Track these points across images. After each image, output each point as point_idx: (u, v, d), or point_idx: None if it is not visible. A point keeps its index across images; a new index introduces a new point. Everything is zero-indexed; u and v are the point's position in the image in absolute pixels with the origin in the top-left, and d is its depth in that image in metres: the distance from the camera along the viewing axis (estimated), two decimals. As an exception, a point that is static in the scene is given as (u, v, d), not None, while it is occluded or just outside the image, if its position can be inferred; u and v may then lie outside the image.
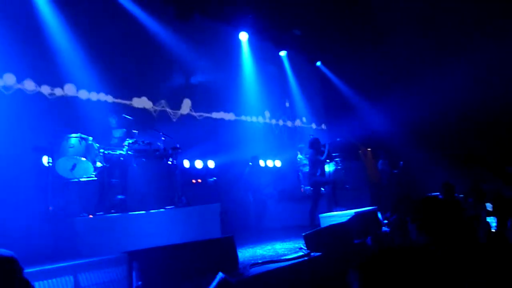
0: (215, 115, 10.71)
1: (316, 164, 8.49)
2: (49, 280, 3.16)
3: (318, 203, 8.41)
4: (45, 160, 6.07)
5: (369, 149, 14.01)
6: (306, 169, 9.41)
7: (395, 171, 10.32)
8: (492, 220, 3.73)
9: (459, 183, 5.84)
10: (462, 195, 5.47)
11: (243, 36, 11.70)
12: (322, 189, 8.67)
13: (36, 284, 3.09)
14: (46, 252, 5.03)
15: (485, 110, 10.40)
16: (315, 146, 8.55)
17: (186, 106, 10.02)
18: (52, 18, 7.57)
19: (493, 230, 3.37)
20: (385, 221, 6.67)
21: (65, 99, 7.65)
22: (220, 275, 2.11)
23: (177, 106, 9.86)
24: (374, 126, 12.35)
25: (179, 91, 9.99)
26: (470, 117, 10.75)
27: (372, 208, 7.26)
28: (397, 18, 11.12)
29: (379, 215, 6.63)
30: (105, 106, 8.06)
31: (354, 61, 13.01)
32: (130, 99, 8.79)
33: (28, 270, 3.21)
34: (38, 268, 3.33)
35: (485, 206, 4.51)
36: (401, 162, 10.36)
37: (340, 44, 13.00)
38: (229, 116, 11.07)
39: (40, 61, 7.27)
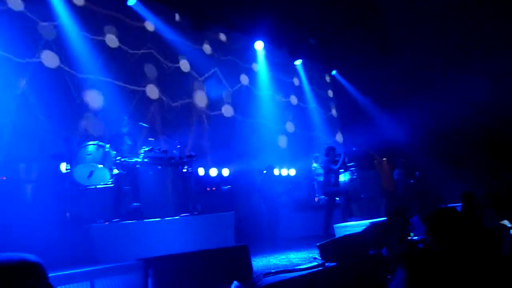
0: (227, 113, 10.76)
1: (330, 173, 8.44)
2: (67, 286, 3.20)
3: (332, 213, 8.35)
4: (63, 167, 6.19)
5: (384, 158, 13.90)
6: (321, 178, 9.36)
7: (411, 181, 10.19)
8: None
9: (481, 192, 5.73)
10: (483, 205, 5.35)
11: (259, 45, 11.78)
12: (337, 198, 8.61)
13: (54, 289, 3.14)
14: (63, 258, 5.10)
15: (505, 119, 10.24)
16: (330, 154, 8.50)
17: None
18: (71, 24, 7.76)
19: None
20: (401, 232, 6.59)
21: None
22: (235, 283, 2.12)
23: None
24: (390, 136, 12.24)
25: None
26: (489, 125, 10.59)
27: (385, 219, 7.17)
28: (413, 26, 11.08)
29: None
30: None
31: (369, 70, 12.96)
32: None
33: (46, 275, 3.26)
34: (55, 274, 3.39)
35: (508, 217, 4.41)
36: (417, 173, 10.22)
37: (355, 53, 12.98)
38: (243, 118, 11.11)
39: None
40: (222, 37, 11.15)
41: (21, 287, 1.36)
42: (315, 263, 4.80)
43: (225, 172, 9.81)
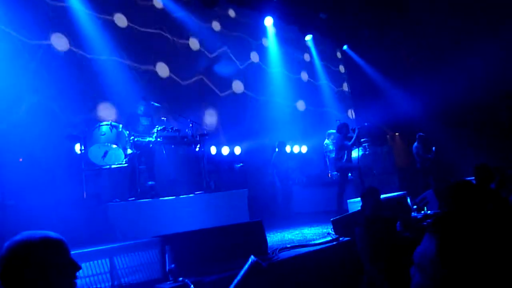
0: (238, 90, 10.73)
1: (343, 149, 8.40)
2: (87, 263, 3.28)
3: (344, 188, 8.34)
4: (77, 148, 6.26)
5: (397, 133, 13.78)
6: (333, 154, 9.32)
7: (429, 155, 10.07)
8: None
9: (498, 165, 5.64)
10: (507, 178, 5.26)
11: (268, 21, 11.60)
12: (349, 174, 8.59)
13: (75, 266, 3.22)
14: (82, 237, 5.22)
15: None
16: (343, 131, 8.44)
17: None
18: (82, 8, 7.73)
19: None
20: (415, 206, 6.58)
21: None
22: (252, 258, 2.14)
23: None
24: (402, 111, 12.09)
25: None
26: (502, 96, 10.39)
27: (401, 193, 7.16)
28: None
29: (408, 200, 6.54)
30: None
31: (381, 44, 12.73)
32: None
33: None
34: (75, 251, 3.47)
35: None
36: (433, 147, 10.09)
37: (367, 27, 12.73)
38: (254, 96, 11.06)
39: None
40: (231, 13, 11.00)
41: (45, 262, 1.41)
42: (329, 238, 4.85)
43: (237, 150, 9.84)
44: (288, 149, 10.31)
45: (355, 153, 11.12)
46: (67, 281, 1.47)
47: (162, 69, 9.01)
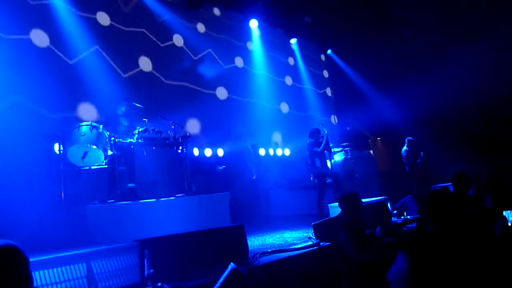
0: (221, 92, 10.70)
1: (313, 155, 8.44)
2: (63, 268, 3.20)
3: (324, 193, 8.38)
4: (56, 148, 6.13)
5: (378, 138, 13.94)
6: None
7: (418, 160, 10.18)
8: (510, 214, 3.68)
9: (481, 171, 5.74)
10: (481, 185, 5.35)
11: (253, 24, 11.61)
12: (327, 179, 8.63)
13: (50, 271, 3.14)
14: (59, 240, 5.10)
15: (504, 97, 10.26)
16: (314, 136, 8.49)
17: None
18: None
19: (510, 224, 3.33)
20: (395, 211, 6.66)
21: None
22: (232, 265, 2.12)
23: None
24: (385, 115, 12.24)
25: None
26: (487, 104, 10.59)
27: (381, 198, 7.24)
28: (409, 4, 10.93)
29: (389, 205, 6.61)
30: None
31: (364, 49, 12.87)
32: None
33: (41, 258, 3.26)
34: (51, 256, 3.39)
35: (504, 199, 4.42)
36: (422, 153, 10.22)
37: (350, 32, 12.86)
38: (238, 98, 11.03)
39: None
40: (216, 13, 10.97)
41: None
42: (310, 243, 4.86)
43: (220, 152, 9.79)
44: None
45: (337, 157, 11.24)
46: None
47: (145, 67, 8.93)
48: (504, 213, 3.30)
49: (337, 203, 7.27)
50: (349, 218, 4.33)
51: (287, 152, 11.62)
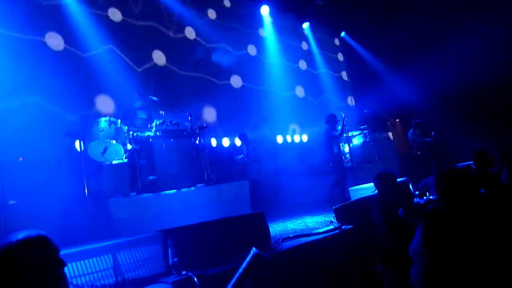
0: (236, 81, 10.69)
1: (332, 139, 8.40)
2: (90, 259, 3.28)
3: (345, 177, 8.36)
4: (77, 145, 6.25)
5: (397, 119, 13.74)
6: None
7: (428, 139, 10.05)
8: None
9: (497, 149, 5.61)
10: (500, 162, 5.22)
11: (265, 10, 11.51)
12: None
13: (78, 263, 3.23)
14: (84, 233, 5.23)
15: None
16: (330, 122, 8.46)
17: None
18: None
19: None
20: (417, 192, 6.58)
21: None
22: (254, 250, 2.13)
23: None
24: (402, 96, 12.03)
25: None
26: (505, 79, 10.30)
27: (402, 180, 7.15)
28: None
29: (410, 186, 6.53)
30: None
31: (379, 30, 12.62)
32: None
33: (69, 251, 3.35)
34: (79, 249, 3.48)
35: None
36: (433, 132, 10.07)
37: (364, 13, 12.62)
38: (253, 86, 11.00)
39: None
40: (227, 3, 10.91)
41: (26, 263, 1.37)
42: (332, 227, 4.85)
43: (238, 142, 9.80)
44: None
45: (356, 140, 11.13)
46: (54, 279, 1.43)
47: (159, 60, 8.97)
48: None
49: (359, 186, 7.25)
50: (384, 197, 4.24)
51: (304, 138, 11.56)
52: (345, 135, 8.68)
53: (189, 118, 6.73)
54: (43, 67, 6.77)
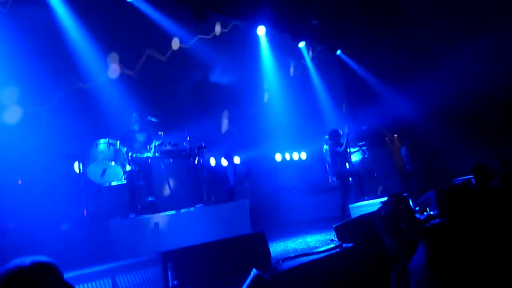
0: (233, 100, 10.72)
1: (336, 155, 8.42)
2: (89, 283, 3.26)
3: (348, 194, 8.34)
4: (76, 167, 6.26)
5: (395, 135, 13.79)
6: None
7: (421, 157, 10.07)
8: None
9: (496, 164, 5.64)
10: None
11: (261, 30, 11.66)
12: (350, 179, 8.57)
13: (77, 287, 3.20)
14: (83, 256, 5.19)
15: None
16: (333, 137, 8.48)
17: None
18: (72, 27, 7.74)
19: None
20: (417, 208, 6.56)
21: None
22: (254, 271, 2.13)
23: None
24: (399, 112, 12.11)
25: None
26: (502, 95, 10.40)
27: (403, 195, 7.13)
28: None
29: (410, 202, 6.51)
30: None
31: (374, 47, 12.78)
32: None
33: (68, 275, 3.33)
34: (78, 273, 3.45)
35: None
36: (425, 148, 10.10)
37: (359, 31, 12.79)
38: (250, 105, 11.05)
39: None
40: (224, 24, 11.06)
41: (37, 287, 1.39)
42: (333, 245, 4.82)
43: (237, 160, 9.82)
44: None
45: (354, 157, 11.15)
46: None
47: (158, 83, 9.04)
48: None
49: (359, 203, 7.23)
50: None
51: (303, 156, 11.58)
52: (348, 150, 8.70)
53: (188, 138, 6.75)
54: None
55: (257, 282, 2.10)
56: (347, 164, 8.68)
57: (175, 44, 9.72)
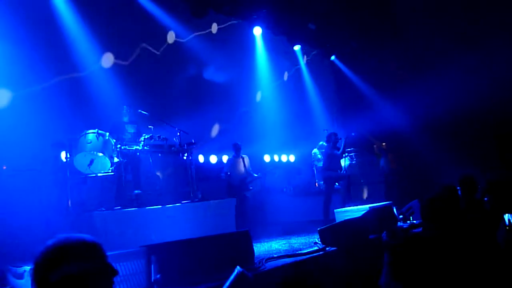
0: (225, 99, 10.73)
1: (331, 158, 8.45)
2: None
3: (331, 198, 8.38)
4: (63, 155, 6.19)
5: (383, 143, 13.90)
6: (320, 164, 9.34)
7: (403, 167, 10.21)
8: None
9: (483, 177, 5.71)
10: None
11: (257, 31, 11.68)
12: (336, 184, 8.63)
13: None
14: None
15: (505, 105, 10.25)
16: (332, 140, 8.51)
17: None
18: (69, 15, 7.67)
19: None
20: (400, 216, 6.63)
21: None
22: (238, 268, 2.14)
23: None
24: (389, 121, 12.22)
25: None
26: (491, 110, 10.57)
27: (387, 203, 7.21)
28: (413, 10, 10.97)
29: (394, 210, 6.59)
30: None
31: (368, 55, 12.89)
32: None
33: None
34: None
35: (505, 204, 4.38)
36: (406, 159, 10.26)
37: (355, 38, 12.89)
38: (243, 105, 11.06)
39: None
40: (221, 23, 11.04)
41: (82, 265, 1.39)
42: (316, 248, 4.86)
43: (225, 159, 9.82)
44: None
45: (342, 162, 11.22)
46: (104, 285, 1.44)
47: (152, 78, 8.99)
48: (505, 216, 3.27)
49: (344, 208, 7.28)
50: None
51: (292, 158, 11.62)
52: (345, 154, 8.75)
53: (178, 133, 6.74)
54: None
55: (240, 279, 2.11)
56: (339, 169, 8.72)
57: (171, 37, 9.68)
